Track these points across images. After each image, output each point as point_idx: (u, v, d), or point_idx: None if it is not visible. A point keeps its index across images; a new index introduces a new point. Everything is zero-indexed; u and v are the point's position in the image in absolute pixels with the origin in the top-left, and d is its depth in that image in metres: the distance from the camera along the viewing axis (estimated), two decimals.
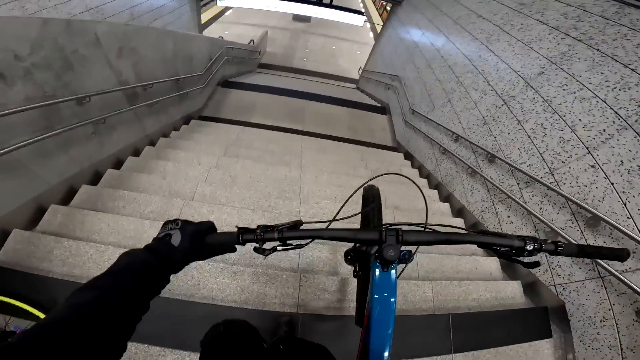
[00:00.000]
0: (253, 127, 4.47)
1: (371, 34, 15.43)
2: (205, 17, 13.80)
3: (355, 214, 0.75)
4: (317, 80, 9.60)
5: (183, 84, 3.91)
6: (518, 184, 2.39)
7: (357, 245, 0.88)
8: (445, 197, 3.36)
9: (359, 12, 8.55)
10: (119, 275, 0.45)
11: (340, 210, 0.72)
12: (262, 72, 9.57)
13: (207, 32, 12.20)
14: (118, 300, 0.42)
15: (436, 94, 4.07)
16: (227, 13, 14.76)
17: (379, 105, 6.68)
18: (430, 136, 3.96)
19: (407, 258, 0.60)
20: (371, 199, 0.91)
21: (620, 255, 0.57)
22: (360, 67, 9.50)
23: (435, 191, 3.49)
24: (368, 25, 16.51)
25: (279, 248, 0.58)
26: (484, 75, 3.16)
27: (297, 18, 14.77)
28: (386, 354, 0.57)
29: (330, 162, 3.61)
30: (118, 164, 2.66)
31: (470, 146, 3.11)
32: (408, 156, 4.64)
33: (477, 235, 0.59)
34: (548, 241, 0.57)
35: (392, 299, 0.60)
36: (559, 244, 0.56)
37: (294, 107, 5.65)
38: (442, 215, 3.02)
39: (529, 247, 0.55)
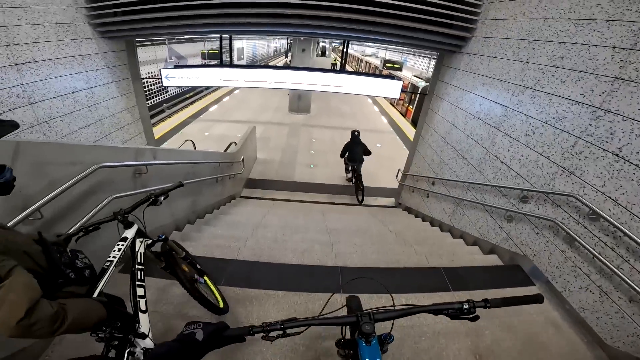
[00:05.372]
0: None
1: (385, 119, 12.95)
2: (182, 116, 11.38)
3: (338, 309, 1.00)
4: (337, 201, 6.06)
5: None
6: None
7: (344, 336, 0.98)
8: None
9: (391, 77, 5.73)
10: (162, 358, 0.71)
11: (324, 306, 0.92)
12: (250, 197, 6.07)
13: (183, 133, 9.40)
14: None
15: None
16: (211, 109, 12.55)
17: (499, 260, 2.83)
18: None
19: (387, 339, 0.86)
20: (354, 307, 1.08)
21: (536, 299, 0.83)
22: (399, 171, 6.15)
23: None
24: (376, 108, 14.45)
25: (282, 333, 0.78)
26: None
27: (294, 109, 12.44)
28: None
29: None
30: None
31: None
32: None
33: (430, 306, 0.82)
34: (479, 300, 0.80)
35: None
36: (487, 300, 0.80)
37: None
38: None
39: (465, 307, 0.79)
